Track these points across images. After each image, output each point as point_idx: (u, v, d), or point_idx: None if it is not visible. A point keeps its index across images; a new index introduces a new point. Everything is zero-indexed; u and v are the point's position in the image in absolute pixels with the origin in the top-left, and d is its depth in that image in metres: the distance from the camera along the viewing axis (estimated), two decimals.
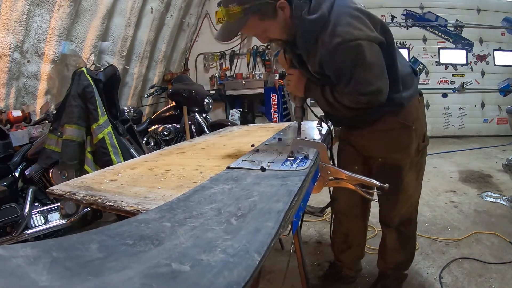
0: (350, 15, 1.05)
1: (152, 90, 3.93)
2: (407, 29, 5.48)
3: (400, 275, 1.58)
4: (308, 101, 1.61)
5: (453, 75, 5.52)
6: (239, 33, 1.15)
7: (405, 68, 1.27)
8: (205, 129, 3.20)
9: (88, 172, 1.98)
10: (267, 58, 5.35)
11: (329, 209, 2.63)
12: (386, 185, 0.98)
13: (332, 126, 1.56)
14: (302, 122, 1.43)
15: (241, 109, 5.27)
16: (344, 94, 1.14)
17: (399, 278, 1.58)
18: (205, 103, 3.23)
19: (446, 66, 5.51)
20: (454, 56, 5.51)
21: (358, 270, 1.72)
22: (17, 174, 2.18)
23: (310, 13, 1.07)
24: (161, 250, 0.44)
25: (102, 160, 2.07)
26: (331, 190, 1.62)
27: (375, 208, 2.48)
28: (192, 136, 3.01)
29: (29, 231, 2.03)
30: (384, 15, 5.46)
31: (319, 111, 1.53)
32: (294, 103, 1.40)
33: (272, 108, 4.91)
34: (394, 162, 1.29)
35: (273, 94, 4.88)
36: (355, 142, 1.40)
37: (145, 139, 3.25)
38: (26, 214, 2.01)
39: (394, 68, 1.18)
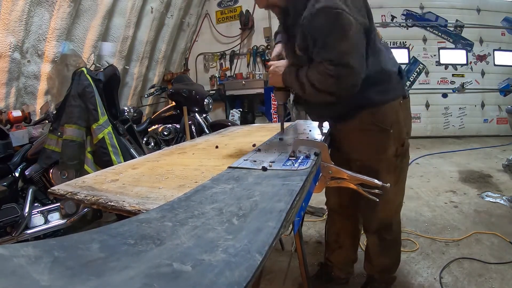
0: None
1: (152, 90, 3.93)
2: (407, 29, 5.48)
3: (387, 278, 1.58)
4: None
5: (453, 75, 5.52)
6: None
7: (390, 66, 1.23)
8: (205, 129, 3.20)
9: (88, 172, 1.98)
10: (267, 58, 5.34)
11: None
12: (388, 184, 0.98)
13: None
14: (303, 122, 1.43)
15: (241, 109, 5.27)
16: (315, 66, 1.10)
17: (387, 281, 1.58)
18: (205, 103, 3.23)
19: (446, 66, 5.51)
20: (454, 56, 5.51)
21: (349, 273, 1.70)
22: (17, 174, 2.17)
23: None
24: (162, 250, 0.44)
25: (102, 160, 2.07)
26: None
27: None
28: (192, 136, 3.01)
29: (29, 231, 2.02)
30: (384, 15, 5.46)
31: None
32: (277, 100, 1.39)
33: (272, 108, 4.91)
34: (371, 165, 1.24)
35: (273, 94, 4.88)
36: (339, 143, 1.37)
37: (145, 139, 3.25)
38: (26, 214, 2.00)
39: (374, 60, 1.15)
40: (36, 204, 2.14)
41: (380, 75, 1.18)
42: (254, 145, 1.25)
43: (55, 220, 2.11)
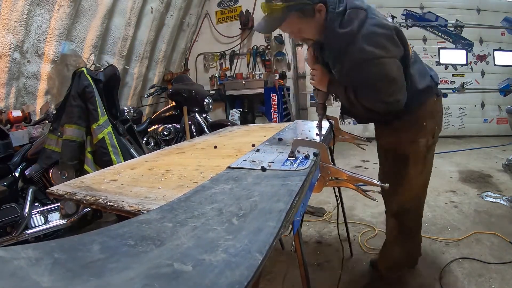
0: (378, 34, 1.16)
1: (152, 90, 3.93)
2: (407, 29, 5.48)
3: (391, 280, 1.64)
4: (308, 102, 1.63)
5: (453, 75, 5.53)
6: (270, 32, 1.27)
7: (422, 75, 1.35)
8: (205, 129, 3.20)
9: (88, 172, 1.98)
10: (267, 58, 5.35)
11: (329, 209, 2.65)
12: (387, 184, 0.98)
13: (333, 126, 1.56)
14: (302, 122, 1.44)
15: (241, 109, 5.26)
16: (366, 99, 1.24)
17: (390, 284, 1.64)
18: (205, 103, 3.23)
19: (446, 66, 5.52)
20: (454, 56, 5.51)
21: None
22: (17, 174, 2.17)
23: (341, 27, 1.17)
24: (162, 251, 0.44)
25: (102, 160, 2.07)
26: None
27: (374, 208, 2.50)
28: (192, 136, 3.01)
29: (29, 231, 2.02)
30: (384, 15, 5.45)
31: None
32: (317, 99, 1.45)
33: (272, 108, 4.91)
34: (404, 152, 1.39)
35: (273, 94, 4.88)
36: (378, 136, 1.52)
37: (145, 139, 3.25)
38: (26, 214, 2.00)
39: (408, 74, 1.27)
40: (36, 204, 2.14)
41: (417, 84, 1.32)
42: (253, 145, 1.25)
43: (55, 220, 2.12)
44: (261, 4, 1.23)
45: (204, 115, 3.34)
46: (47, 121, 2.38)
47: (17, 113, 2.39)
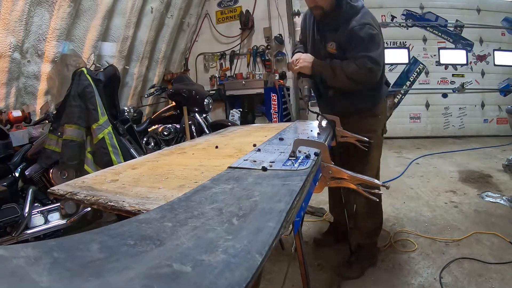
0: (373, 18, 1.54)
1: (152, 90, 3.93)
2: (407, 29, 5.48)
3: (372, 246, 1.88)
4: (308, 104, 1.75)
5: (453, 75, 5.53)
6: None
7: (382, 79, 1.72)
8: (205, 129, 3.20)
9: (88, 172, 1.98)
10: (267, 58, 5.34)
11: (329, 209, 2.65)
12: (388, 185, 0.98)
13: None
14: (303, 122, 1.45)
15: (241, 109, 5.26)
16: (355, 58, 1.50)
17: (371, 251, 1.87)
18: (205, 103, 3.23)
19: (446, 66, 5.52)
20: (454, 56, 5.51)
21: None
22: (17, 174, 2.17)
23: (353, 1, 1.53)
24: (162, 251, 0.44)
25: (102, 160, 2.07)
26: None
27: None
28: (192, 136, 3.01)
29: (29, 231, 2.02)
30: (384, 15, 5.46)
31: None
32: (301, 86, 1.68)
33: (272, 108, 4.91)
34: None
35: (273, 94, 4.88)
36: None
37: (145, 139, 3.25)
38: (26, 214, 2.00)
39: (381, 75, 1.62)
40: (36, 204, 2.14)
41: (383, 86, 1.74)
42: (254, 145, 1.25)
43: (55, 220, 2.12)
44: None
45: (204, 115, 3.34)
46: (47, 121, 2.38)
47: (17, 113, 2.39)
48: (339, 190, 1.91)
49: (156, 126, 3.30)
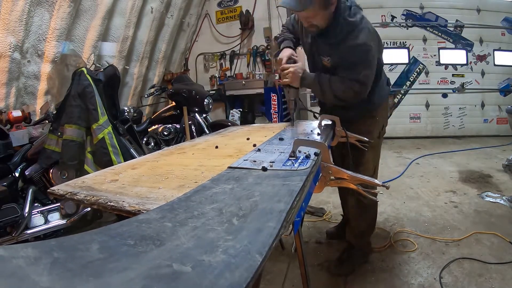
0: (370, 31, 1.47)
1: (152, 90, 3.93)
2: (407, 29, 5.47)
3: (363, 246, 1.90)
4: (308, 102, 1.75)
5: (453, 75, 5.52)
6: (303, 10, 1.41)
7: (383, 80, 1.72)
8: (205, 129, 3.20)
9: (88, 172, 1.98)
10: (267, 58, 5.34)
11: (329, 209, 2.65)
12: (388, 185, 0.98)
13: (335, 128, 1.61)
14: (303, 122, 1.45)
15: (241, 109, 5.26)
16: (343, 80, 1.49)
17: (363, 250, 1.89)
18: (205, 103, 3.23)
19: (446, 66, 5.51)
20: (454, 56, 5.51)
21: None
22: (17, 174, 2.17)
23: (349, 16, 1.44)
24: (162, 251, 0.44)
25: (102, 160, 2.07)
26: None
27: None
28: (192, 136, 3.01)
29: (29, 231, 2.02)
30: (384, 15, 5.46)
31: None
32: (288, 96, 1.67)
33: (272, 108, 4.91)
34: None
35: (273, 94, 4.88)
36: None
37: (145, 139, 3.25)
38: (26, 214, 2.00)
39: (377, 80, 1.59)
40: (36, 204, 2.14)
41: (379, 89, 1.68)
42: (254, 145, 1.25)
43: (55, 220, 2.12)
44: None
45: (204, 115, 3.34)
46: (47, 121, 2.37)
47: (17, 113, 2.39)
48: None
49: (156, 126, 3.30)
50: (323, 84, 1.54)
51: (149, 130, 3.31)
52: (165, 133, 3.22)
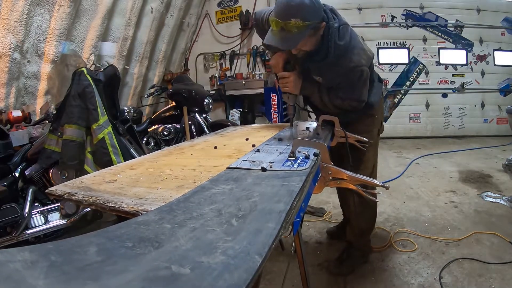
0: (361, 48, 1.46)
1: (152, 90, 3.93)
2: (407, 29, 5.47)
3: (363, 245, 1.90)
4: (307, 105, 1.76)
5: (453, 75, 5.52)
6: (294, 47, 1.40)
7: (376, 80, 1.71)
8: (205, 129, 3.19)
9: (88, 172, 1.98)
10: (267, 58, 5.33)
11: (329, 209, 2.65)
12: (388, 185, 0.98)
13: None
14: (302, 122, 1.45)
15: (241, 109, 5.26)
16: (340, 98, 1.53)
17: (363, 249, 1.90)
18: (205, 103, 3.23)
19: (446, 66, 5.51)
20: (454, 56, 5.51)
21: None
22: (17, 174, 2.17)
23: (339, 40, 1.41)
24: (160, 253, 0.44)
25: (102, 160, 2.06)
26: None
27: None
28: (192, 136, 3.01)
29: (29, 231, 2.02)
30: (384, 15, 5.46)
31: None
32: (288, 102, 1.65)
33: (272, 108, 4.91)
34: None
35: (273, 94, 4.88)
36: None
37: (145, 139, 3.25)
38: (26, 214, 2.00)
39: (370, 82, 1.60)
40: (36, 204, 2.14)
41: (375, 85, 1.70)
42: (253, 146, 1.25)
43: (55, 220, 2.11)
44: (274, 20, 1.31)
45: (204, 115, 3.34)
46: (47, 121, 2.37)
47: (17, 113, 2.38)
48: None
49: (156, 126, 3.30)
50: (323, 96, 1.57)
51: (149, 130, 3.31)
52: (165, 133, 3.22)
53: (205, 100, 3.24)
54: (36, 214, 2.07)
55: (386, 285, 1.68)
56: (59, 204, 2.13)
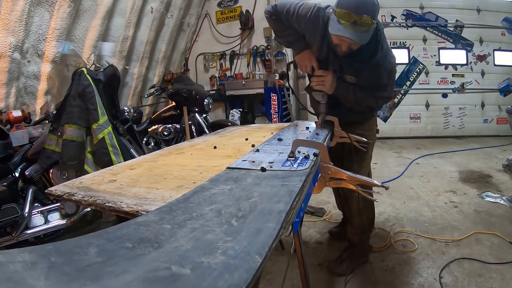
0: (391, 50, 1.55)
1: (152, 90, 3.93)
2: (407, 29, 5.47)
3: (364, 244, 1.92)
4: (308, 103, 1.82)
5: (453, 75, 5.52)
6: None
7: None
8: (205, 129, 3.19)
9: (88, 172, 1.98)
10: (267, 58, 5.34)
11: (329, 209, 2.65)
12: (387, 185, 0.98)
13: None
14: (302, 122, 1.45)
15: (241, 109, 5.25)
16: (372, 97, 1.58)
17: (364, 248, 1.92)
18: (205, 103, 3.23)
19: (446, 66, 5.51)
20: (454, 56, 5.51)
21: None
22: (17, 174, 2.17)
23: (384, 42, 1.49)
24: (160, 253, 0.44)
25: (102, 160, 2.06)
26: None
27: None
28: (192, 136, 3.01)
29: (29, 231, 2.02)
30: (384, 15, 5.46)
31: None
32: (321, 100, 1.64)
33: (272, 108, 4.90)
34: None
35: (273, 94, 4.88)
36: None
37: (145, 139, 3.25)
38: (26, 214, 2.00)
39: None
40: (36, 204, 2.14)
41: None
42: (253, 146, 1.25)
43: (55, 220, 2.11)
44: (346, 13, 1.31)
45: (204, 115, 3.33)
46: (47, 121, 2.37)
47: (17, 113, 2.38)
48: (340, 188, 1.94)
49: (156, 126, 3.30)
50: (357, 97, 1.59)
51: (149, 130, 3.31)
52: (165, 133, 3.22)
53: (205, 100, 3.23)
54: (36, 214, 2.07)
55: (386, 285, 1.68)
56: (59, 204, 2.13)
